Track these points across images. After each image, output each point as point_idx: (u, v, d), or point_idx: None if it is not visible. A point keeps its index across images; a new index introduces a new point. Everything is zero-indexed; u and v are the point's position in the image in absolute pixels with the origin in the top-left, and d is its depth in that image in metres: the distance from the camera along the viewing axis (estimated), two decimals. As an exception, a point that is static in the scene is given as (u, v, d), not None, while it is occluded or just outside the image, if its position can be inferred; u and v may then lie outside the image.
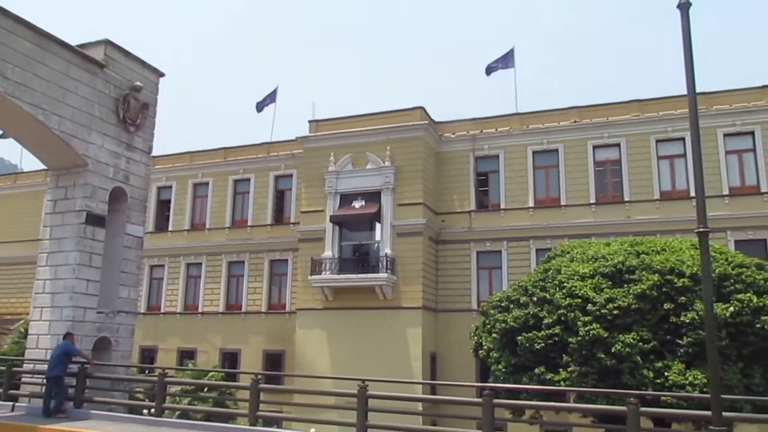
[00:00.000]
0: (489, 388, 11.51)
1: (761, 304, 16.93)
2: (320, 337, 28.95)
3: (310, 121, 32.33)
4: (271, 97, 36.71)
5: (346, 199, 30.21)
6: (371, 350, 27.53)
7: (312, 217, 30.66)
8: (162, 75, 19.36)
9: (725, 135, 27.41)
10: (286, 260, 33.20)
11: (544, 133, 29.87)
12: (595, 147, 29.15)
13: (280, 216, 34.52)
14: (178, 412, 18.21)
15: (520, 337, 18.78)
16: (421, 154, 29.65)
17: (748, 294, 17.11)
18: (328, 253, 29.48)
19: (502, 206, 30.06)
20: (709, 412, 8.59)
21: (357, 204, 29.80)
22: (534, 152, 30.04)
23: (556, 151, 29.66)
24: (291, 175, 34.30)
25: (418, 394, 24.38)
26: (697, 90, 27.39)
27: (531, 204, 29.53)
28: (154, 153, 20.41)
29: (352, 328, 28.44)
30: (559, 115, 30.16)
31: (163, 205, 37.64)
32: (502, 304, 20.35)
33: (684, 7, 9.30)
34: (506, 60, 31.99)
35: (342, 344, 28.36)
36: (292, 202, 33.97)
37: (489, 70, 32.12)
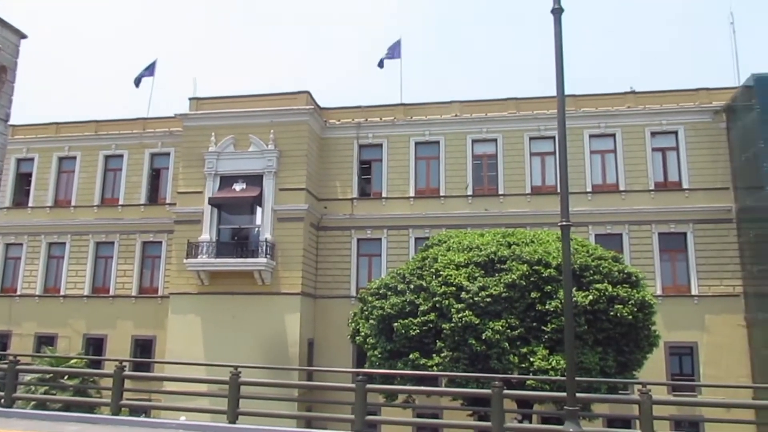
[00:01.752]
0: (363, 373, 11.65)
1: (615, 293, 18.41)
2: (194, 323, 27.97)
3: (190, 99, 30.97)
4: (150, 70, 34.77)
5: (227, 181, 29.30)
6: (247, 336, 27.01)
7: (189, 199, 29.47)
8: (24, 36, 17.62)
9: (591, 136, 29.40)
10: (160, 242, 31.71)
11: (426, 124, 30.56)
12: (474, 141, 30.25)
13: (155, 196, 32.88)
14: (33, 402, 16.92)
15: (396, 324, 19.19)
16: (305, 139, 29.34)
17: (605, 284, 18.55)
18: (205, 236, 28.50)
19: (383, 195, 30.47)
20: (565, 394, 9.18)
21: (237, 187, 28.99)
22: (416, 143, 30.67)
23: (438, 143, 30.46)
24: (168, 154, 32.72)
25: (294, 380, 24.27)
26: (567, 92, 29.17)
27: (412, 193, 30.16)
28: (14, 121, 18.66)
29: (228, 313, 27.71)
30: (442, 108, 30.97)
31: (23, 179, 34.65)
32: (380, 292, 20.69)
33: (557, 13, 9.76)
34: (393, 50, 32.32)
35: (217, 330, 27.57)
36: (168, 181, 32.44)
37: (381, 63, 32.35)
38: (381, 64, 32.29)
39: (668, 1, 64.32)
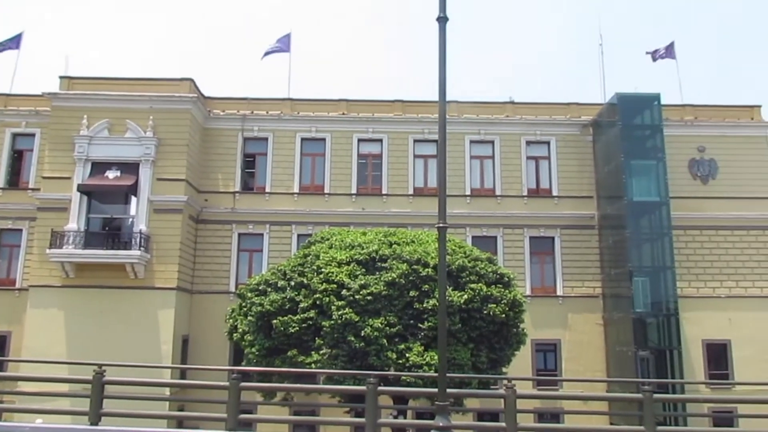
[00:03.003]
0: (238, 371, 11.41)
1: (489, 293, 19.27)
2: (56, 318, 26.05)
3: (61, 77, 28.81)
4: (15, 43, 31.97)
5: (99, 167, 27.52)
6: (117, 333, 25.54)
7: (56, 184, 27.40)
8: None
9: (471, 141, 30.59)
10: (20, 230, 29.23)
11: (313, 121, 30.44)
12: (360, 140, 30.51)
13: (16, 179, 30.25)
14: None
15: (275, 321, 18.97)
16: (186, 128, 28.22)
17: (480, 284, 19.36)
18: (72, 225, 26.63)
19: (267, 189, 29.98)
20: (436, 389, 9.49)
21: (111, 174, 27.34)
22: (303, 139, 30.46)
23: (324, 140, 30.43)
24: (33, 135, 30.20)
25: (166, 378, 23.28)
26: (451, 98, 29.97)
27: (296, 189, 29.91)
28: None
29: (95, 308, 26.07)
30: (330, 106, 30.98)
31: None
32: (260, 288, 20.35)
33: (442, 21, 10.01)
34: (283, 43, 31.85)
35: (83, 326, 25.84)
36: (32, 165, 29.95)
37: (266, 54, 31.62)
38: (266, 54, 31.56)
39: (546, 19, 68.26)
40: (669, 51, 31.77)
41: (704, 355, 28.55)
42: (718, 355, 28.62)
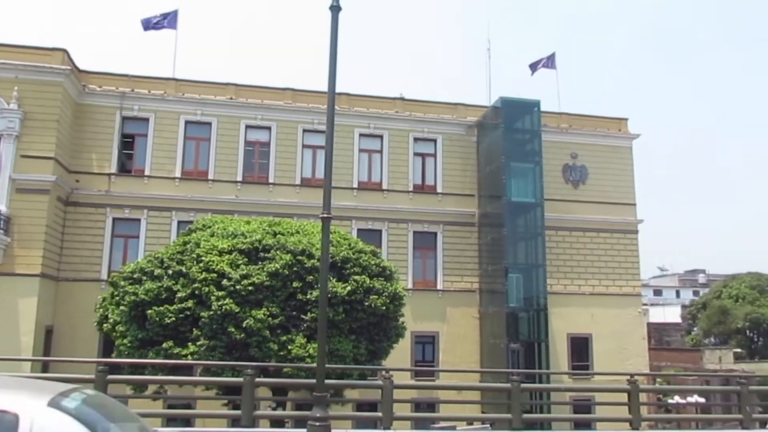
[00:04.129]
0: (106, 363, 10.78)
1: (372, 285, 19.46)
2: None
3: None
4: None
5: (-48, 140, 24.96)
6: (-32, 322, 23.35)
7: None
8: None
9: (361, 135, 30.77)
10: None
11: (199, 104, 29.29)
12: (247, 126, 29.76)
13: None
14: None
15: (150, 311, 18.10)
16: (57, 102, 26.18)
17: (364, 276, 19.50)
18: None
19: (146, 172, 28.53)
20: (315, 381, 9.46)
21: (-33, 148, 24.87)
22: (187, 122, 29.23)
23: (210, 124, 29.39)
24: None
25: (26, 372, 21.53)
26: (343, 90, 29.88)
27: (178, 174, 28.69)
28: None
29: (-57, 295, 23.66)
30: (217, 89, 29.94)
31: None
32: (135, 276, 19.31)
33: (334, 10, 9.91)
34: (168, 19, 30.30)
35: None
36: None
37: (147, 24, 29.68)
38: (147, 27, 29.54)
39: (437, 22, 70.00)
40: (550, 61, 33.57)
41: (568, 347, 30.63)
42: (580, 348, 30.81)
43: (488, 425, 17.93)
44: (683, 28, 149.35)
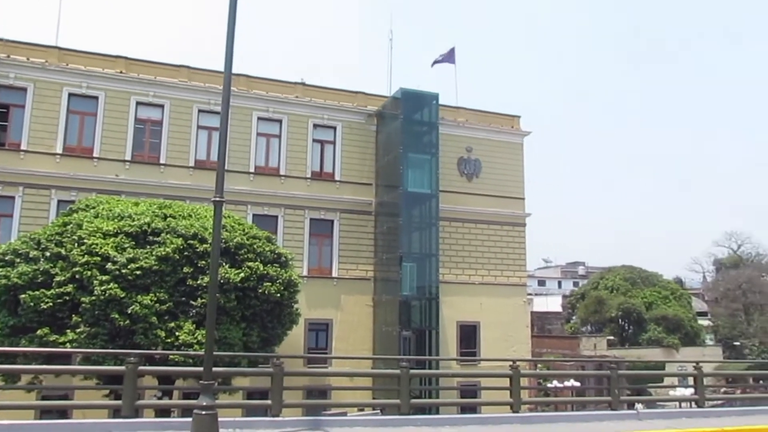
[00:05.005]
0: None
1: (266, 272, 19.19)
2: None
3: None
4: None
5: None
6: None
7: None
8: None
9: (259, 118, 30.10)
10: None
11: (84, 76, 27.45)
12: (138, 103, 28.28)
13: None
14: None
15: (24, 296, 16.88)
16: None
17: (258, 263, 19.18)
18: None
19: (23, 147, 26.42)
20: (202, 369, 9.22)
21: None
22: (70, 94, 27.33)
23: (96, 98, 27.64)
24: None
25: None
26: (242, 72, 29.15)
27: (59, 150, 26.80)
28: None
29: None
30: (105, 62, 28.20)
31: None
32: (7, 258, 17.92)
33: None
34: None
35: None
36: None
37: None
38: None
39: (342, 9, 69.65)
40: (449, 56, 34.32)
41: (458, 335, 31.72)
42: (469, 335, 32.00)
43: (379, 411, 18.25)
44: (577, 28, 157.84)
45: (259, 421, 10.53)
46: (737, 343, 61.10)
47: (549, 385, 30.44)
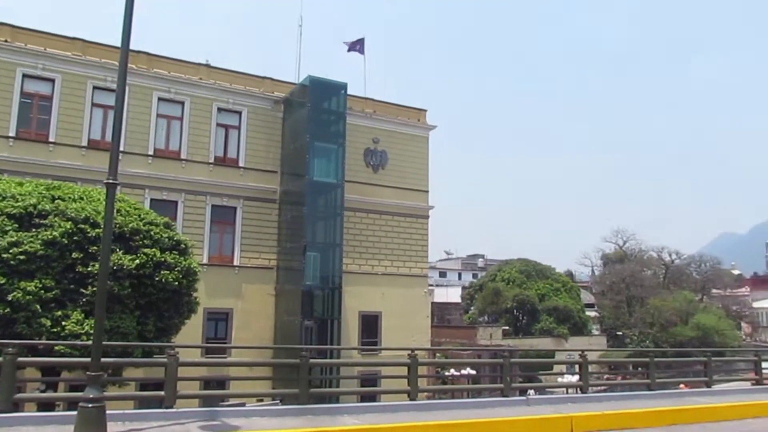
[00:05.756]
0: None
1: (163, 259, 18.46)
2: None
3: None
4: None
5: None
6: None
7: None
8: None
9: (160, 99, 28.87)
10: None
11: (-35, 43, 25.30)
12: (25, 75, 26.37)
13: None
14: None
15: None
16: None
17: (155, 249, 18.41)
18: None
19: None
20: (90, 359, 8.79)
21: None
22: (-53, 62, 25.10)
23: (-23, 68, 25.56)
24: None
25: None
26: (144, 49, 27.69)
27: (-67, 123, 24.57)
28: None
29: None
30: (-12, 29, 26.10)
31: None
32: None
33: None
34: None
35: None
36: None
37: None
38: None
39: (251, -12, 68.00)
40: (359, 46, 34.32)
41: (360, 324, 31.97)
42: (370, 325, 32.32)
43: (278, 401, 18.08)
44: (490, 31, 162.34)
45: (152, 413, 10.14)
46: (620, 333, 65.50)
47: (446, 373, 31.34)
